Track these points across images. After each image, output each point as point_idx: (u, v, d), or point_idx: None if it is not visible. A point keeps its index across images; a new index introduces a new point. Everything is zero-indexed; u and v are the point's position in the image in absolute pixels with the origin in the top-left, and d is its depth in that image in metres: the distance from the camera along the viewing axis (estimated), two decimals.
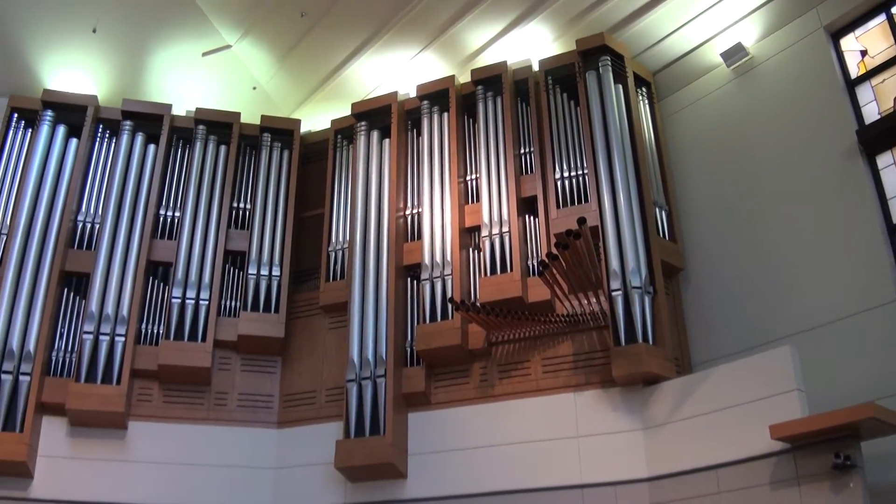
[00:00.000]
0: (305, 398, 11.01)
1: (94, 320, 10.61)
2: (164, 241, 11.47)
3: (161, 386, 10.82)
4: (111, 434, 10.40)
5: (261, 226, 11.67)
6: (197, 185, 11.76)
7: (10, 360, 10.17)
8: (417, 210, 11.22)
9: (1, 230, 11.05)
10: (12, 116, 11.74)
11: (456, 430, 9.97)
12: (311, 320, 11.47)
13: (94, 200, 11.60)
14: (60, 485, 10.02)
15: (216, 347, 10.94)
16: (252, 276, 11.29)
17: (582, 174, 10.31)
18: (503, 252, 10.15)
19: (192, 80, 12.82)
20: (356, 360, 10.36)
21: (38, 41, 11.89)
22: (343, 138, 12.25)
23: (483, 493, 9.52)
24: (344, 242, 11.46)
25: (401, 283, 10.82)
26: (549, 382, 9.74)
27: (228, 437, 10.72)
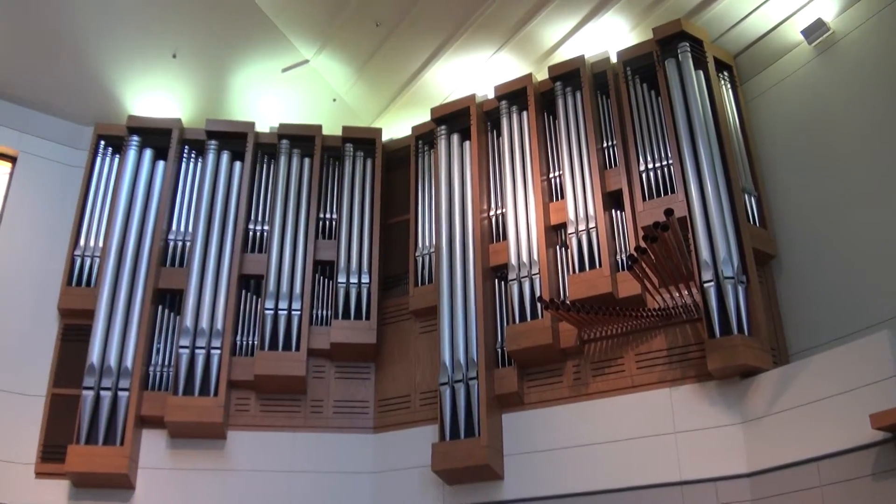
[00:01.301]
0: (400, 403, 11.24)
1: (189, 335, 11.08)
2: (254, 255, 11.89)
3: (258, 396, 11.23)
4: (210, 444, 10.86)
5: (348, 235, 11.96)
6: (283, 199, 12.13)
7: (108, 377, 10.70)
8: (501, 210, 11.32)
9: (94, 253, 11.63)
10: (99, 143, 12.35)
11: (551, 430, 10.02)
12: (401, 325, 11.70)
13: (184, 219, 12.11)
14: (161, 496, 10.53)
15: (310, 356, 11.28)
16: (342, 284, 11.58)
17: (667, 165, 10.25)
18: (591, 248, 10.17)
19: (273, 97, 13.23)
20: (448, 363, 10.53)
21: (120, 69, 12.45)
22: (424, 143, 12.48)
23: (581, 493, 9.54)
24: (430, 247, 11.68)
25: (488, 285, 10.95)
26: (643, 378, 9.70)
27: (326, 444, 11.05)
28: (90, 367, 10.69)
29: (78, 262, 11.55)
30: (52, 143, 12.34)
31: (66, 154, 12.39)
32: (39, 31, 11.80)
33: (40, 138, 12.28)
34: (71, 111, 12.49)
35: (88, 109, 12.53)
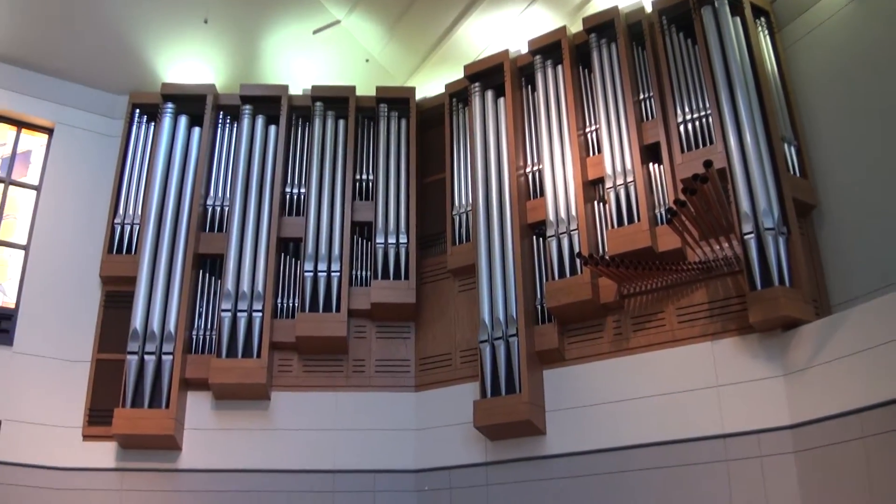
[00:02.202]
0: (441, 361, 11.47)
1: (230, 298, 11.38)
2: (292, 218, 12.13)
3: (300, 357, 11.55)
4: (254, 405, 11.23)
5: (384, 195, 12.12)
6: (319, 161, 12.31)
7: (152, 342, 11.07)
8: (538, 167, 11.37)
9: (134, 221, 11.92)
10: (134, 112, 12.62)
11: (592, 385, 10.16)
12: (440, 284, 11.89)
13: (221, 184, 12.37)
14: (207, 455, 10.98)
15: (350, 317, 11.54)
16: (380, 245, 11.77)
17: (705, 115, 10.20)
18: (629, 202, 10.20)
19: (306, 59, 13.34)
20: (487, 320, 10.69)
21: (153, 37, 12.64)
22: (458, 101, 12.52)
23: (623, 447, 9.70)
24: (467, 205, 11.78)
25: (526, 242, 11.05)
26: (684, 332, 9.76)
27: (368, 403, 11.37)
28: (133, 332, 11.05)
29: (118, 230, 11.88)
30: (87, 114, 12.68)
31: (102, 124, 12.71)
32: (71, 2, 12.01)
33: (76, 109, 12.60)
34: (105, 81, 12.75)
35: (122, 79, 12.77)
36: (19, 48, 12.16)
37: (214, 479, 10.83)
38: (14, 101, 12.28)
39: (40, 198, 12.14)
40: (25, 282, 11.60)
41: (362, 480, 10.96)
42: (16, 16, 11.89)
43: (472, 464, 10.68)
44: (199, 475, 10.84)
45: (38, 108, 12.40)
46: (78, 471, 10.77)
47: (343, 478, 10.96)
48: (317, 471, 10.97)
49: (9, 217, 12.03)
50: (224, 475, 10.86)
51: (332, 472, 10.98)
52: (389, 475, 11.03)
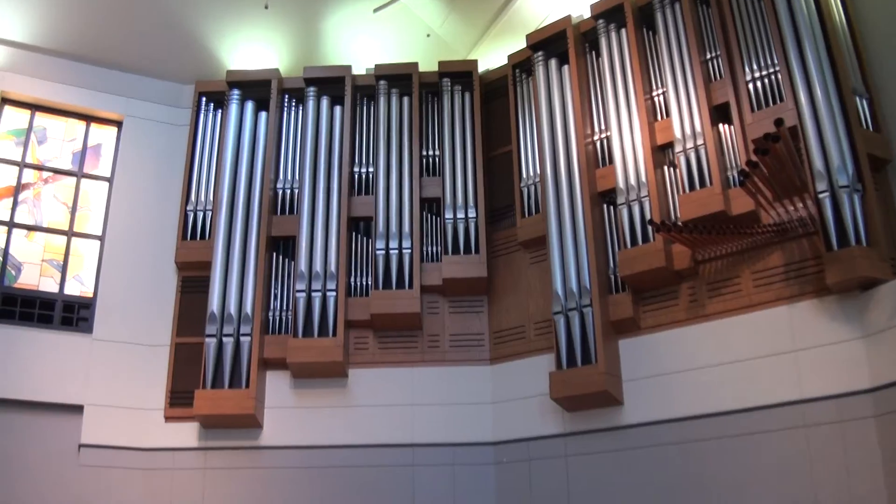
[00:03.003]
0: (515, 333, 11.74)
1: (304, 279, 11.85)
2: (361, 197, 12.55)
3: (375, 334, 11.98)
4: (332, 383, 11.73)
5: (452, 170, 12.41)
6: (386, 139, 12.68)
7: (229, 324, 11.62)
8: (606, 134, 11.48)
9: (206, 207, 12.48)
10: (201, 100, 13.16)
11: (668, 354, 10.29)
12: (511, 257, 12.13)
13: (290, 167, 12.85)
14: (288, 432, 11.53)
15: (423, 293, 11.91)
16: (449, 220, 12.09)
17: (774, 72, 10.10)
18: (700, 166, 10.24)
19: (367, 38, 13.71)
20: (560, 292, 10.92)
21: (215, 26, 13.17)
22: (522, 72, 12.70)
23: (701, 416, 9.81)
24: (535, 176, 11.98)
25: (597, 211, 11.20)
26: (761, 297, 9.79)
27: (444, 377, 11.75)
28: (211, 315, 11.61)
29: (191, 216, 12.46)
30: (155, 105, 13.31)
31: (170, 114, 13.33)
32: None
33: (143, 101, 13.24)
34: (171, 72, 13.35)
35: (188, 68, 13.35)
36: (85, 45, 12.81)
37: (295, 455, 11.37)
38: (82, 97, 12.94)
39: (113, 189, 12.81)
40: (102, 271, 12.29)
41: (441, 454, 11.35)
42: (81, 15, 12.53)
43: (549, 435, 10.94)
44: (280, 452, 11.40)
45: (107, 102, 13.07)
46: (162, 451, 11.45)
47: (422, 451, 11.37)
48: (396, 445, 11.42)
49: (83, 209, 12.72)
50: (305, 452, 11.39)
51: (412, 447, 11.40)
52: (468, 448, 11.39)
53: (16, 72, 12.54)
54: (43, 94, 12.74)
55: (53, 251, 12.34)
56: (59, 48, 12.73)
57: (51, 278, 12.18)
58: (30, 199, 12.53)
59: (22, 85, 12.61)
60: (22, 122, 12.78)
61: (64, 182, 12.79)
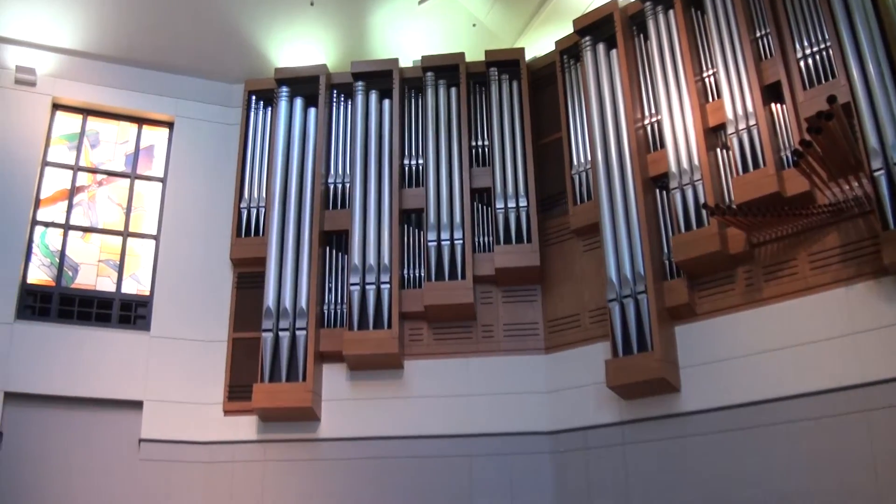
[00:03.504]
0: (569, 322, 11.89)
1: (358, 272, 12.15)
2: (412, 189, 12.81)
3: (429, 325, 12.24)
4: (388, 374, 12.02)
5: (501, 159, 12.57)
6: (434, 131, 12.92)
7: (285, 318, 11.96)
8: (656, 118, 11.56)
9: (259, 204, 12.86)
10: (251, 99, 13.54)
11: (725, 339, 10.33)
12: (564, 245, 12.28)
13: (341, 162, 13.17)
14: (345, 424, 11.87)
15: (476, 283, 12.12)
16: (500, 210, 12.27)
17: (825, 48, 10.07)
18: (753, 147, 10.24)
19: (413, 30, 13.97)
20: (615, 279, 11.02)
21: (262, 24, 13.53)
22: (569, 58, 12.81)
23: (760, 402, 9.84)
24: (586, 163, 12.08)
25: (649, 196, 11.28)
26: (817, 279, 9.79)
27: (499, 367, 11.94)
28: (267, 310, 11.97)
29: (244, 213, 12.84)
30: (205, 105, 13.75)
31: (220, 113, 13.76)
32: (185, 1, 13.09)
33: (194, 101, 13.69)
34: (220, 72, 13.77)
35: (236, 68, 13.75)
36: (134, 49, 13.28)
37: (353, 447, 11.69)
38: (133, 100, 13.43)
39: (166, 189, 13.25)
40: (158, 270, 12.73)
41: (498, 444, 11.53)
42: (129, 19, 13.01)
43: (606, 423, 11.05)
44: (338, 444, 11.73)
45: (157, 104, 13.53)
46: (222, 444, 11.85)
47: (479, 442, 11.58)
48: (452, 436, 11.65)
49: (137, 210, 13.18)
50: (362, 443, 11.69)
51: (468, 437, 11.62)
52: (524, 437, 11.56)
53: (67, 78, 13.06)
54: (94, 99, 13.25)
55: (109, 251, 12.82)
56: (109, 53, 13.23)
57: (108, 278, 12.65)
58: (84, 201, 13.02)
59: (73, 90, 13.12)
60: (74, 127, 13.29)
61: (118, 184, 13.27)
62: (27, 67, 12.75)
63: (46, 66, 12.94)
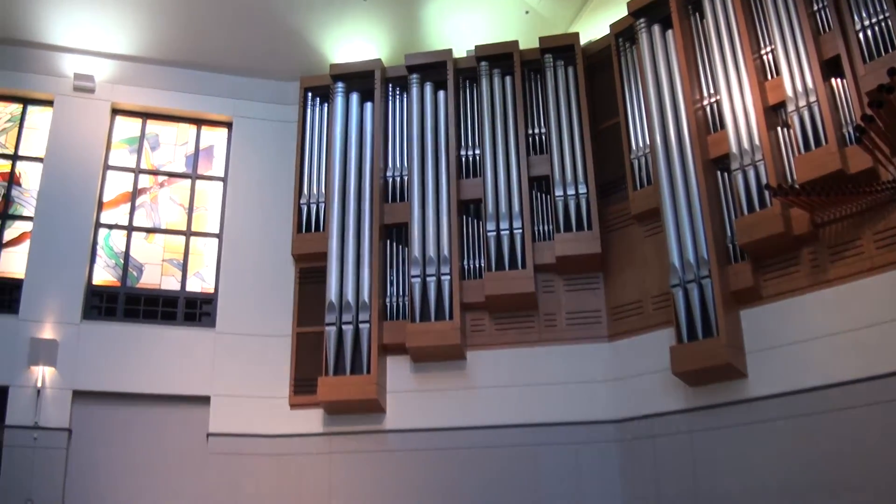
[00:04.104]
0: (632, 309, 12.03)
1: (418, 264, 12.49)
2: (470, 180, 13.08)
3: (491, 315, 12.51)
4: (451, 365, 12.34)
5: (559, 147, 12.75)
6: (490, 120, 13.16)
7: (348, 312, 12.37)
8: (715, 98, 11.55)
9: (319, 200, 13.28)
10: (307, 96, 14.02)
11: (792, 323, 10.34)
12: (625, 231, 12.41)
13: (398, 155, 13.53)
14: (410, 416, 12.25)
15: (537, 272, 12.35)
16: (559, 197, 12.45)
17: (884, 18, 9.98)
18: (814, 124, 10.22)
19: (466, 21, 14.22)
20: (677, 264, 11.10)
21: (316, 22, 13.97)
22: (625, 41, 12.90)
23: (828, 385, 9.85)
24: (645, 147, 12.17)
25: (711, 178, 11.32)
26: (884, 258, 9.75)
27: (562, 356, 12.16)
28: (330, 304, 12.39)
29: (304, 209, 13.30)
30: (262, 104, 14.30)
31: (278, 111, 14.27)
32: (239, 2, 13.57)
33: (251, 101, 14.26)
34: (276, 71, 14.28)
35: (292, 66, 14.23)
36: (190, 52, 13.91)
37: (418, 438, 12.05)
38: (191, 102, 14.06)
39: (227, 188, 13.83)
40: (221, 267, 13.31)
41: (563, 433, 11.75)
42: (184, 23, 13.63)
43: (673, 411, 11.17)
44: (403, 435, 12.11)
45: (215, 104, 14.14)
46: (288, 437, 12.33)
47: (544, 431, 11.82)
48: (517, 425, 11.91)
49: (199, 209, 13.78)
50: (427, 434, 12.05)
51: (533, 427, 11.87)
52: (590, 426, 11.76)
53: (125, 83, 13.75)
54: (152, 102, 13.90)
55: (173, 251, 13.42)
56: (165, 57, 13.86)
57: (172, 277, 13.27)
58: (147, 202, 13.65)
59: (131, 95, 13.80)
60: (134, 131, 13.94)
61: (179, 184, 13.86)
62: (85, 75, 13.46)
63: (104, 72, 13.63)
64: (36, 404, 11.70)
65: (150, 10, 13.39)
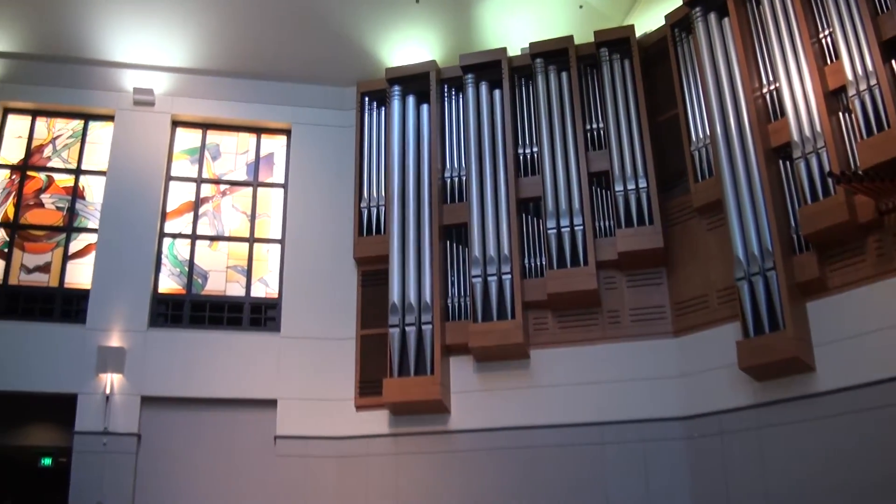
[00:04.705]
0: (697, 303, 12.05)
1: (479, 264, 12.72)
2: (528, 178, 13.29)
3: (554, 313, 12.68)
4: (515, 365, 12.55)
5: (618, 141, 12.86)
6: (547, 117, 13.35)
7: (411, 314, 12.68)
8: (775, 85, 11.51)
9: (379, 203, 13.65)
10: (364, 100, 14.43)
11: (861, 313, 10.26)
12: (687, 225, 12.43)
13: (456, 155, 13.82)
14: (475, 416, 12.51)
15: (599, 268, 12.47)
16: (619, 192, 12.56)
17: None
18: (876, 108, 10.13)
19: (519, 18, 14.46)
20: (742, 256, 11.10)
21: (370, 27, 14.39)
22: (681, 31, 12.92)
23: None
24: (705, 138, 12.18)
25: (773, 168, 11.31)
26: None
27: (627, 353, 12.27)
28: (392, 306, 12.72)
29: (365, 213, 13.68)
30: (320, 110, 14.77)
31: (335, 117, 14.74)
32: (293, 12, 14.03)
33: (309, 108, 14.75)
34: (332, 77, 14.74)
35: (348, 72, 14.66)
36: (248, 62, 14.44)
37: (484, 437, 12.29)
38: (250, 111, 14.60)
39: (288, 194, 14.29)
40: (285, 272, 13.77)
41: (630, 431, 11.87)
42: (240, 34, 14.19)
43: (740, 407, 11.15)
44: (468, 435, 12.37)
45: (274, 113, 14.68)
46: (355, 438, 12.71)
47: (610, 429, 11.95)
48: (583, 424, 12.05)
49: (262, 216, 14.27)
50: (492, 434, 12.28)
51: (599, 425, 12.01)
52: (657, 424, 11.83)
53: (184, 95, 14.36)
54: (212, 113, 14.50)
55: (237, 258, 13.94)
56: (222, 68, 14.42)
57: (237, 283, 13.78)
58: (210, 211, 14.18)
59: (191, 107, 14.40)
60: (194, 142, 14.53)
61: (241, 192, 14.38)
62: (145, 89, 14.09)
63: (163, 85, 14.25)
64: (105, 411, 12.31)
65: (207, 23, 13.95)
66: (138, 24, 13.80)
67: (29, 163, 13.98)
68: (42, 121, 14.24)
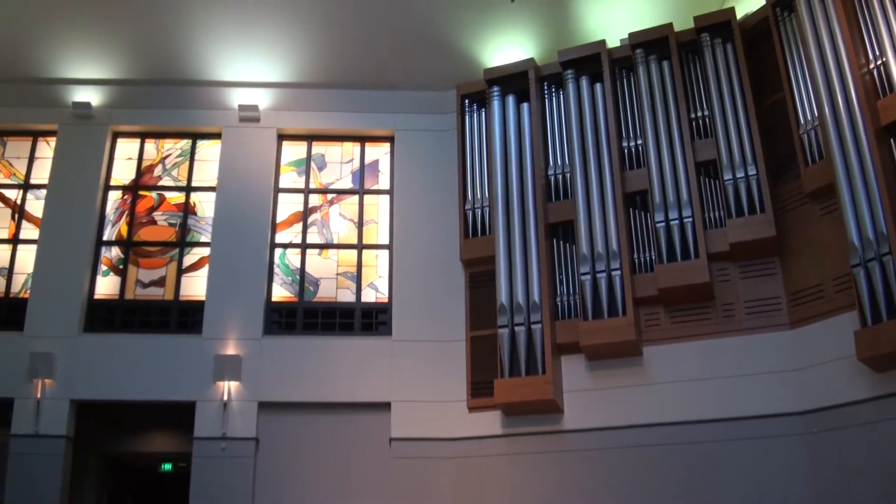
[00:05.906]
0: (813, 293, 11.95)
1: (587, 261, 13.02)
2: (634, 171, 13.52)
3: (666, 309, 12.85)
4: (627, 362, 12.79)
5: (724, 128, 12.91)
6: (651, 108, 13.54)
7: (519, 314, 13.07)
8: (881, 60, 11.36)
9: (483, 204, 14.15)
10: (464, 103, 14.97)
11: None
12: (799, 211, 12.35)
13: (559, 152, 14.20)
14: (588, 415, 12.81)
15: (711, 261, 12.54)
16: (728, 181, 12.60)
17: None
18: None
19: (616, 10, 14.73)
20: (857, 242, 10.88)
21: (466, 30, 14.93)
22: (783, 10, 12.76)
23: None
24: (814, 120, 12.05)
25: (884, 147, 11.16)
26: None
27: (743, 346, 12.28)
28: (501, 307, 13.13)
29: (470, 215, 14.18)
30: (421, 115, 15.46)
31: (437, 121, 15.39)
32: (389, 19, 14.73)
33: (410, 114, 15.45)
34: (432, 81, 15.37)
35: (447, 76, 15.25)
36: (348, 73, 15.23)
37: (598, 437, 12.57)
38: (353, 121, 15.39)
39: (393, 200, 14.98)
40: (394, 277, 14.43)
41: (747, 427, 11.87)
42: (340, 46, 15.00)
43: (860, 400, 10.97)
44: (582, 435, 12.67)
45: (376, 121, 15.43)
46: (469, 440, 13.21)
47: (727, 426, 12.01)
48: (699, 421, 12.16)
49: (369, 223, 14.98)
50: (607, 433, 12.55)
51: (715, 422, 12.08)
52: (774, 419, 11.77)
53: (288, 109, 15.27)
54: (316, 124, 15.36)
55: (347, 264, 14.70)
56: (324, 80, 15.24)
57: (347, 289, 14.51)
58: (318, 220, 15.00)
59: (295, 120, 15.30)
60: (300, 153, 15.39)
61: (347, 200, 15.15)
62: (249, 105, 15.04)
63: (267, 100, 15.17)
64: (223, 417, 13.20)
65: (307, 37, 14.75)
66: (240, 43, 14.74)
67: (140, 182, 15.04)
68: (151, 142, 15.33)
